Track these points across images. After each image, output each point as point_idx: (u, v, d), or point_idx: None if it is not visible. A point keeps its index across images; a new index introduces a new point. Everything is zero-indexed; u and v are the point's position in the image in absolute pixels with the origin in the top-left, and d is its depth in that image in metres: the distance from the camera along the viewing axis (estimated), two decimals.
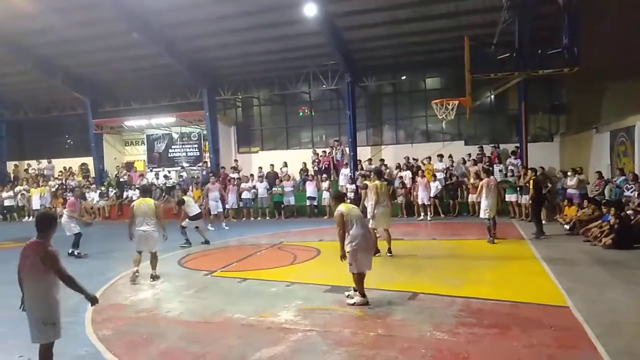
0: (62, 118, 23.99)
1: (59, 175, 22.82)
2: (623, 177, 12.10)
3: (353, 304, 6.27)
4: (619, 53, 14.11)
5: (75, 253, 10.78)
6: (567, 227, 11.86)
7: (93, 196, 20.29)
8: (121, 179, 21.48)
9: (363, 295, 6.34)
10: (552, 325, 5.29)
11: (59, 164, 23.77)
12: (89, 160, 23.03)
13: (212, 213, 15.55)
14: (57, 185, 21.70)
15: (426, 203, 15.43)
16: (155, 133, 22.51)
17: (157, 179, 20.78)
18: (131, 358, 4.95)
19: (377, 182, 9.63)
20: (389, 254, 9.42)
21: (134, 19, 15.86)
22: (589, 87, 15.44)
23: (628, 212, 10.25)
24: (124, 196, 20.25)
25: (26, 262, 4.01)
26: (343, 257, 6.38)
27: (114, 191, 20.69)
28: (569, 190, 13.54)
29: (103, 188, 20.86)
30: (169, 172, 21.22)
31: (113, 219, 19.61)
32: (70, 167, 23.29)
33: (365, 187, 10.12)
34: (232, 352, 4.94)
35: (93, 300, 4.23)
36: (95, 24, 16.12)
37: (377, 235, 9.44)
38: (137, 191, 19.19)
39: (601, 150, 14.48)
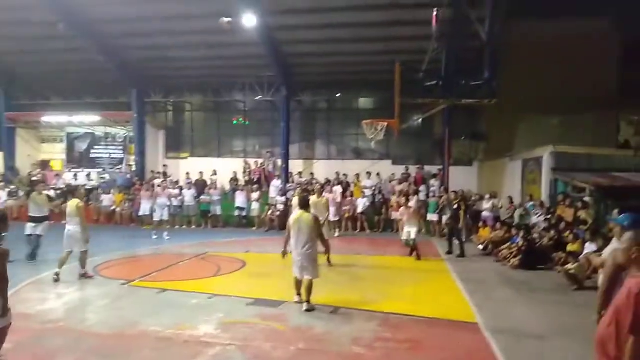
0: None
1: None
2: (532, 203, 13.18)
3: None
4: (533, 90, 15.50)
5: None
6: (480, 247, 12.67)
7: (1, 195, 18.64)
8: (33, 178, 19.95)
9: (298, 294, 7.03)
10: (461, 341, 5.62)
11: None
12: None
13: (154, 220, 14.46)
14: None
15: (332, 219, 14.78)
16: (77, 131, 21.23)
17: (76, 180, 19.56)
18: None
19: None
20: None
21: (60, 8, 14.97)
22: (506, 118, 16.73)
23: (534, 235, 11.15)
24: None
25: None
26: (283, 254, 7.21)
27: (26, 190, 19.15)
28: (484, 213, 14.48)
29: (13, 186, 19.23)
30: (89, 173, 20.09)
31: (23, 219, 18.08)
32: None
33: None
34: None
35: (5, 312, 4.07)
36: (16, 9, 15.02)
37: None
38: (52, 191, 18.04)
39: (514, 177, 15.69)
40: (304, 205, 7.25)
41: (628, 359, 2.56)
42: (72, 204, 8.63)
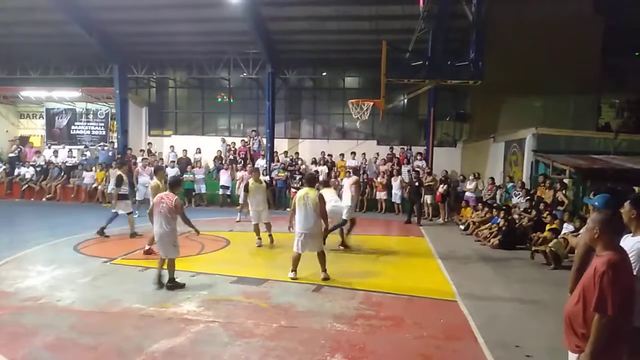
0: None
1: None
2: (512, 184, 13.37)
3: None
4: (517, 72, 15.56)
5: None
6: (462, 227, 12.87)
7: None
8: (12, 154, 19.55)
9: (293, 270, 7.22)
10: (441, 318, 5.75)
11: None
12: None
13: (137, 199, 14.04)
14: None
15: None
16: (57, 107, 20.75)
17: (56, 156, 19.23)
18: (11, 351, 4.55)
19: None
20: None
21: None
22: (490, 99, 16.80)
23: (514, 216, 11.35)
24: (15, 173, 18.45)
25: (161, 206, 6.63)
26: (290, 227, 7.53)
27: (4, 167, 18.79)
28: (467, 194, 14.67)
29: None
30: (70, 150, 19.71)
31: (1, 197, 17.82)
32: None
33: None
34: (127, 344, 4.75)
35: (198, 232, 7.09)
36: None
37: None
38: (31, 168, 17.80)
39: (496, 158, 15.85)
40: (311, 182, 7.64)
41: (593, 336, 2.65)
42: (154, 184, 8.59)
